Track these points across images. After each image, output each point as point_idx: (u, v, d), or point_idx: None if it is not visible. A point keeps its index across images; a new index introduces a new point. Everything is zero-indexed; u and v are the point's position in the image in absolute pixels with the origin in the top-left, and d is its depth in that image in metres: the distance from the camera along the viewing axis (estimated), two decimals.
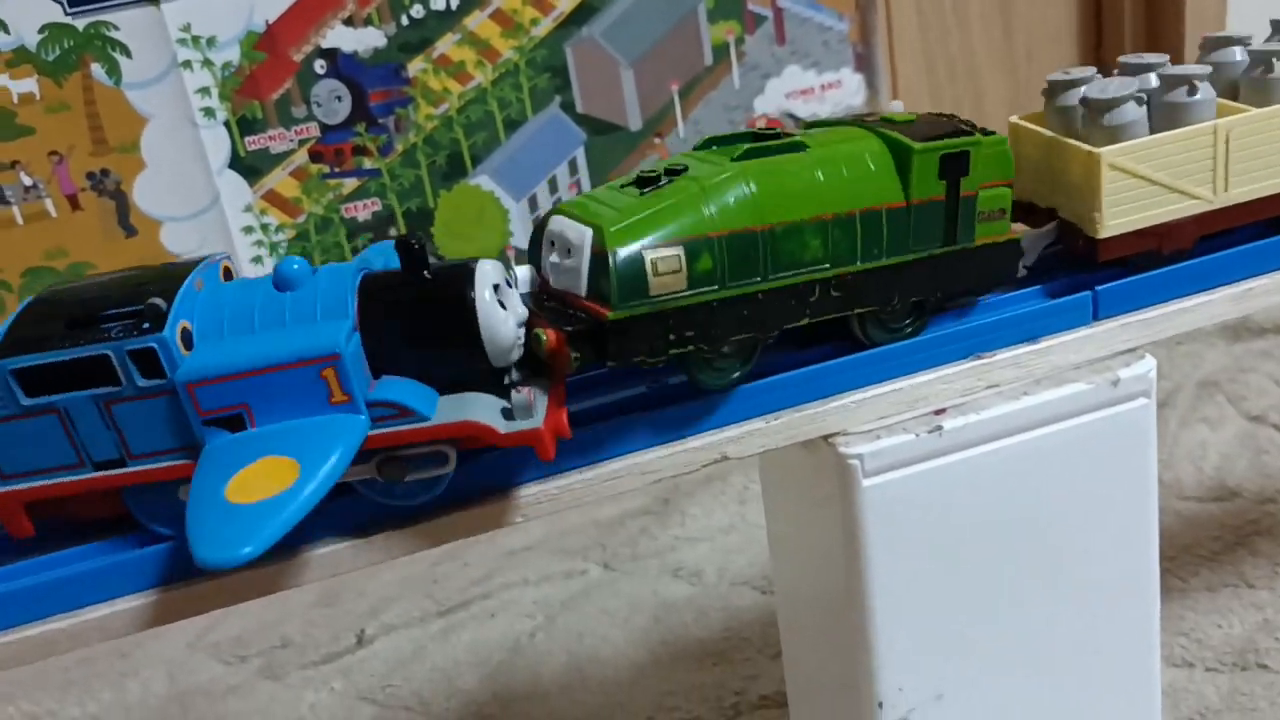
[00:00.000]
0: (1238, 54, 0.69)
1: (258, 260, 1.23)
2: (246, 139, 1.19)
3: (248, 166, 1.20)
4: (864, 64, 1.33)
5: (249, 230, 1.21)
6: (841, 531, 0.63)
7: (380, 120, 1.21)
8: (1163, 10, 1.39)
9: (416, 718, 1.04)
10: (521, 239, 1.29)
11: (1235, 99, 0.68)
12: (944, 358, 0.64)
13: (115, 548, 0.56)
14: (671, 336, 0.55)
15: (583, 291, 0.55)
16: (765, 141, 0.59)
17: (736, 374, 0.60)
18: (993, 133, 0.63)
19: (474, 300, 0.53)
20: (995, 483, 0.64)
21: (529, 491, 0.59)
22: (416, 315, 0.54)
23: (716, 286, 0.56)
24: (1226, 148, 0.64)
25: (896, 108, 0.67)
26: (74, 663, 1.16)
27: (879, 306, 0.61)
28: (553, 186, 1.28)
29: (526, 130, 1.25)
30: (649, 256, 0.54)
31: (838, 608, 0.67)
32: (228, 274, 0.58)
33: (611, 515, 1.27)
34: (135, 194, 1.18)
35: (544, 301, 0.57)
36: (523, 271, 0.59)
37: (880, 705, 0.66)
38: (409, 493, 0.56)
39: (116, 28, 1.12)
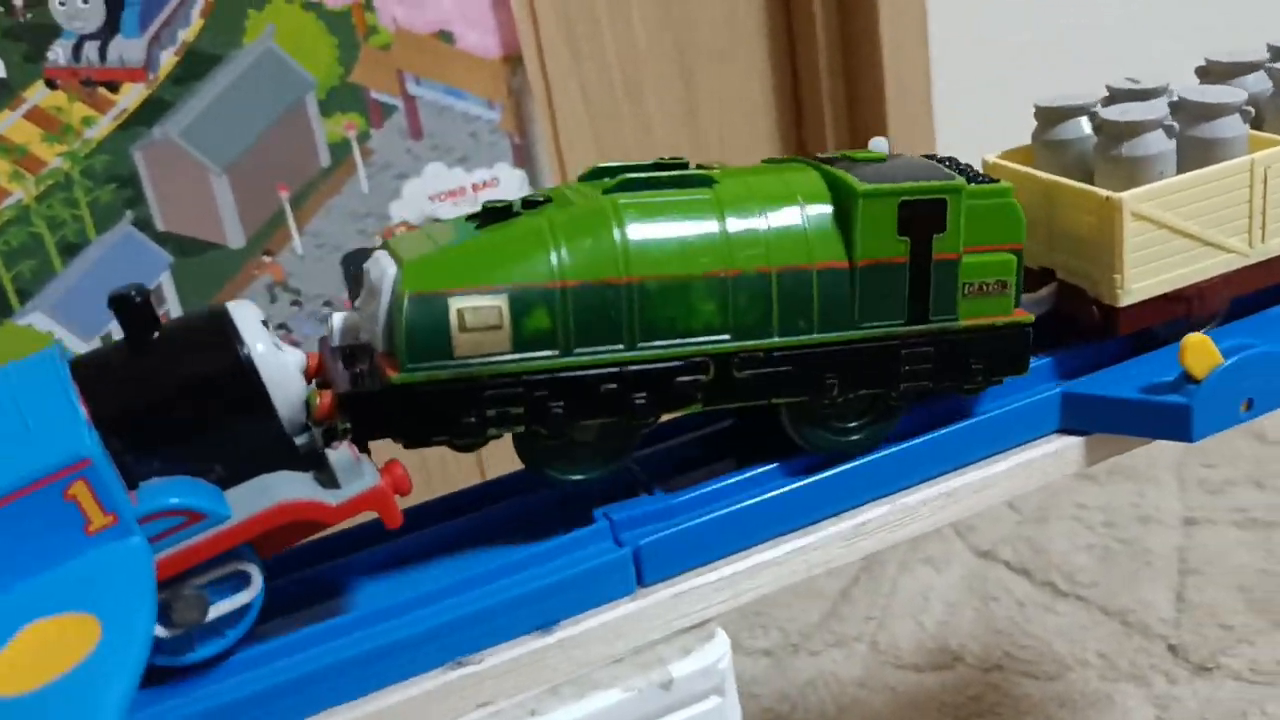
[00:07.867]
0: (1252, 81, 0.56)
1: None
2: None
3: None
4: (524, 157, 1.13)
5: None
6: None
7: None
8: (862, 87, 1.24)
9: None
10: None
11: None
12: (415, 666, 0.43)
13: None
14: (490, 412, 0.44)
15: (380, 345, 0.45)
16: (661, 173, 0.47)
17: (598, 472, 0.48)
18: (995, 180, 0.47)
19: (248, 350, 0.43)
20: None
21: None
22: (173, 391, 0.42)
23: (556, 352, 0.45)
24: (1264, 188, 0.51)
25: (879, 145, 0.50)
26: None
27: (809, 397, 0.46)
28: None
29: (90, 255, 1.00)
30: (454, 305, 0.43)
31: None
32: None
33: None
34: None
35: (348, 356, 0.46)
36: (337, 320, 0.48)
37: None
38: (208, 636, 0.41)
39: None
